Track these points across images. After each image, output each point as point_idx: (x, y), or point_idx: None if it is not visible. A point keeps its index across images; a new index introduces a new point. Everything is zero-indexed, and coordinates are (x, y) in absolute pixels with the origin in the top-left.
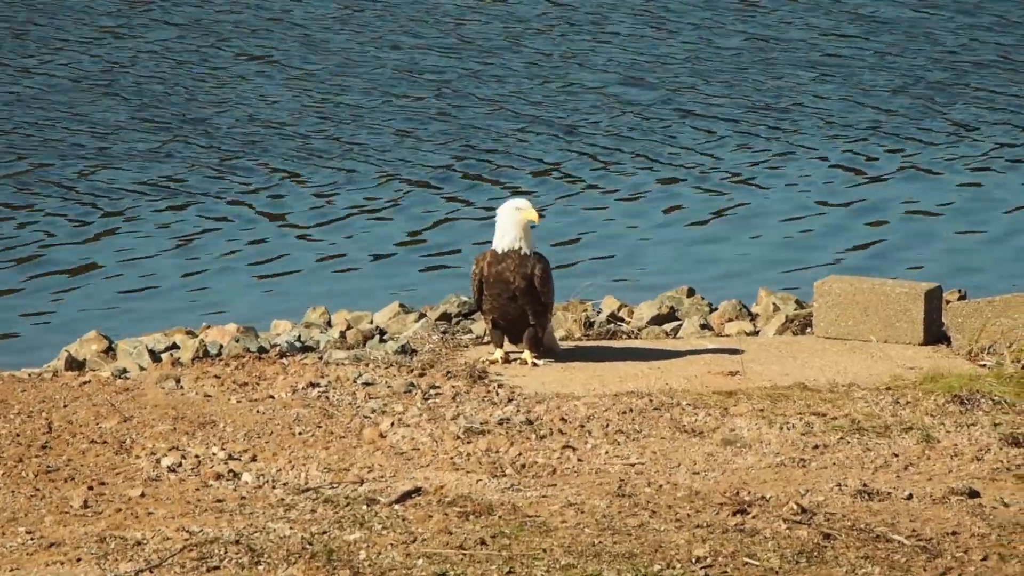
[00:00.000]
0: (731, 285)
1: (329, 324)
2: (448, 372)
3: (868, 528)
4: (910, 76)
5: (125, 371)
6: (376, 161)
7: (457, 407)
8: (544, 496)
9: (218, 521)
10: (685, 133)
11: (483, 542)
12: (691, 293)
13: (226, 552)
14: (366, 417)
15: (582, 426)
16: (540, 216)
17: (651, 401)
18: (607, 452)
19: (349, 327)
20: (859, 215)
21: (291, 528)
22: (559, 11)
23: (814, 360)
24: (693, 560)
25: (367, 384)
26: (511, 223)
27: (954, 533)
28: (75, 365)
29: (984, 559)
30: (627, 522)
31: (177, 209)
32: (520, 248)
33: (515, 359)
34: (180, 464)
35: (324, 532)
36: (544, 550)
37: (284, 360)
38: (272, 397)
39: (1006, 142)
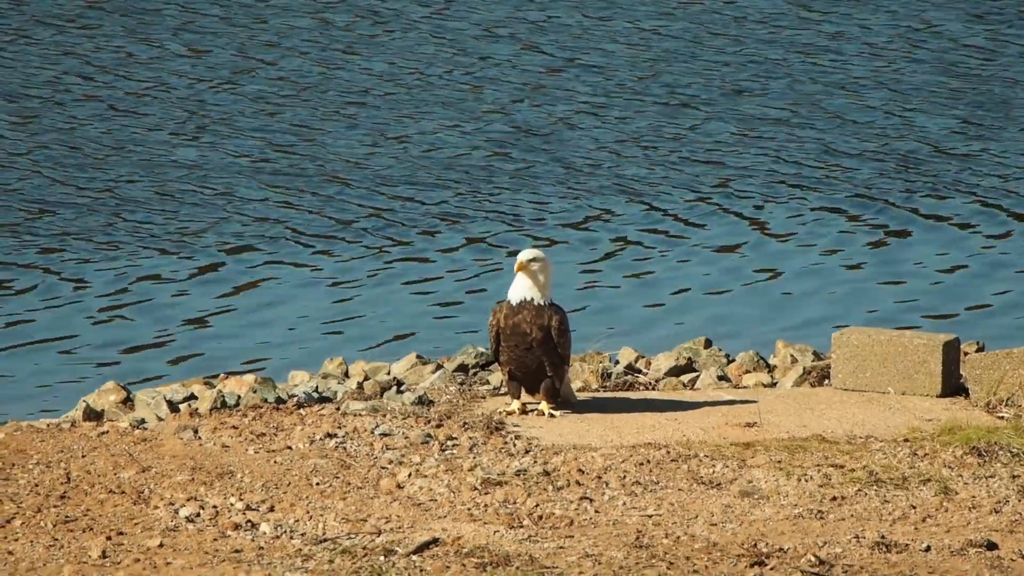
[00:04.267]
0: (748, 336)
1: (347, 375)
2: (465, 423)
3: None
4: None
5: (143, 421)
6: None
7: (474, 458)
8: (561, 547)
9: (236, 571)
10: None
11: None
12: (708, 344)
13: None
14: (383, 468)
15: (599, 477)
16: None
17: (668, 452)
18: (624, 503)
19: (367, 378)
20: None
21: None
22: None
23: (832, 412)
24: None
25: (384, 435)
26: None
27: None
28: (93, 415)
29: None
30: (644, 573)
31: (187, 258)
32: (535, 299)
33: (532, 410)
34: (198, 514)
35: None
36: None
37: (302, 411)
38: (290, 448)
39: None
